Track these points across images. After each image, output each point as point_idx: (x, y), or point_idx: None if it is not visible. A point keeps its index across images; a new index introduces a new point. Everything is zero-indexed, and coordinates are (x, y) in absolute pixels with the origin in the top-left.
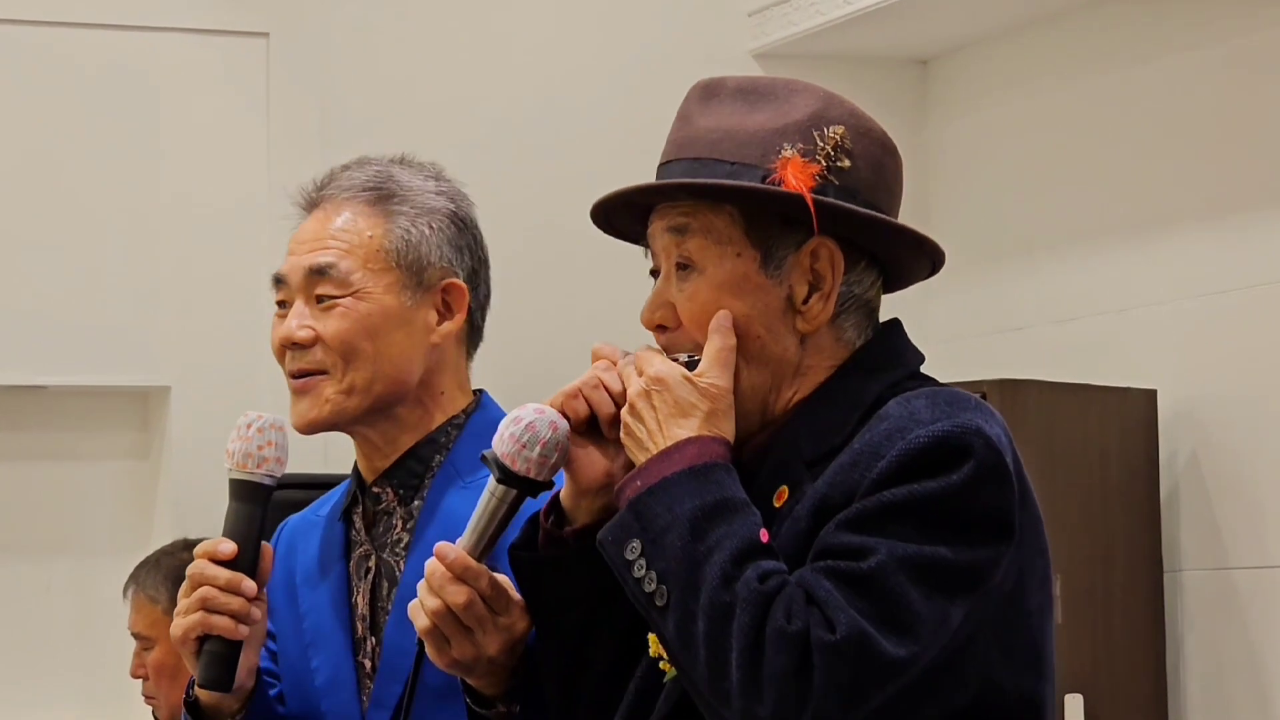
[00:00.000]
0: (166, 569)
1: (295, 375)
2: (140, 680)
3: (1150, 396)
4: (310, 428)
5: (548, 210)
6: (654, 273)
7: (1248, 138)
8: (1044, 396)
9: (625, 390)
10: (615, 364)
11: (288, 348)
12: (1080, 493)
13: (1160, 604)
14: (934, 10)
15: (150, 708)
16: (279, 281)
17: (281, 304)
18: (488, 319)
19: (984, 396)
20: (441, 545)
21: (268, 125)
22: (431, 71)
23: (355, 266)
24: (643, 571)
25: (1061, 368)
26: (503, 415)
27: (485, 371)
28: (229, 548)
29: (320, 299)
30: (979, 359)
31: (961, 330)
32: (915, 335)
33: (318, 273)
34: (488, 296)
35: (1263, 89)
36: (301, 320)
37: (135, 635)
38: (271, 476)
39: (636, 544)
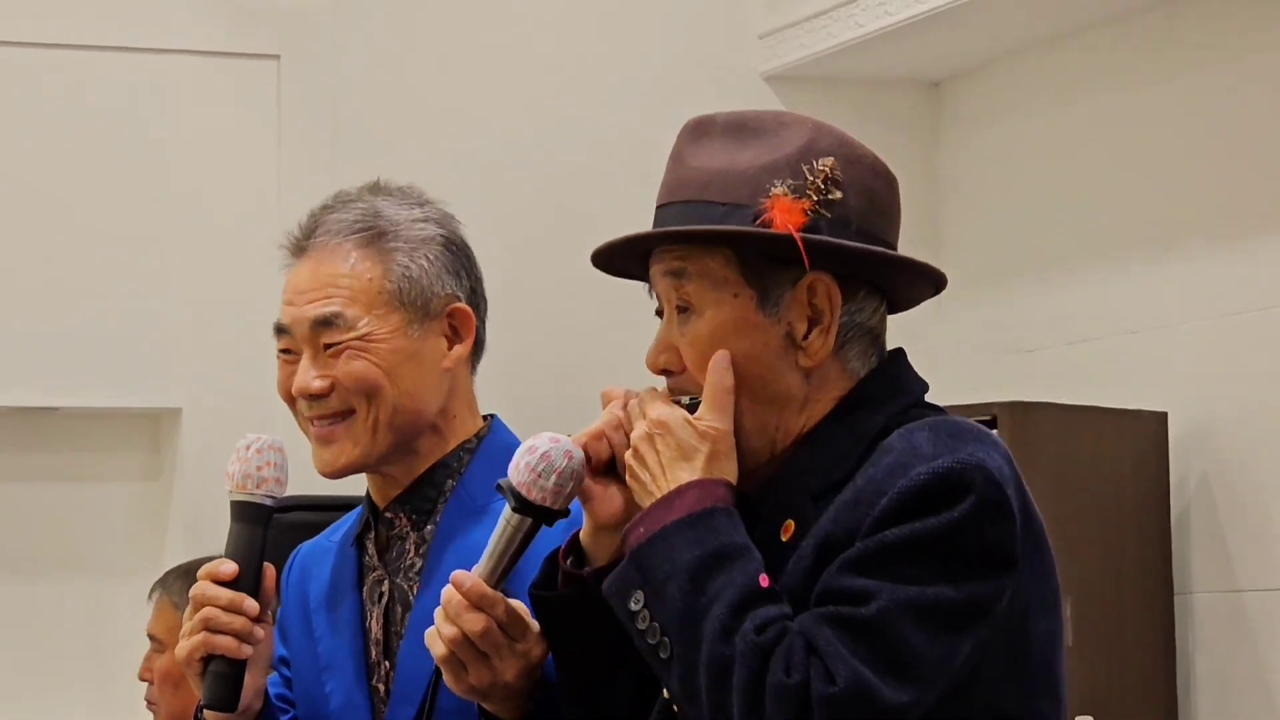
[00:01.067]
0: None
1: (317, 421)
2: (145, 685)
3: (1161, 419)
4: (338, 473)
5: (557, 232)
6: (659, 313)
7: (1260, 158)
8: (1055, 418)
9: None
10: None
11: (303, 399)
12: (1091, 515)
13: (1171, 626)
14: (945, 32)
15: (151, 713)
16: (281, 331)
17: (286, 351)
18: (495, 346)
19: (994, 419)
20: (458, 573)
21: (279, 147)
22: (442, 93)
23: (361, 313)
24: (646, 623)
25: (1073, 390)
26: (513, 439)
27: (495, 397)
28: (230, 568)
29: (328, 346)
30: (990, 381)
31: (973, 352)
32: (926, 357)
33: (323, 324)
34: (485, 309)
35: (1276, 109)
36: (312, 372)
37: (150, 637)
38: (271, 497)
39: (640, 595)
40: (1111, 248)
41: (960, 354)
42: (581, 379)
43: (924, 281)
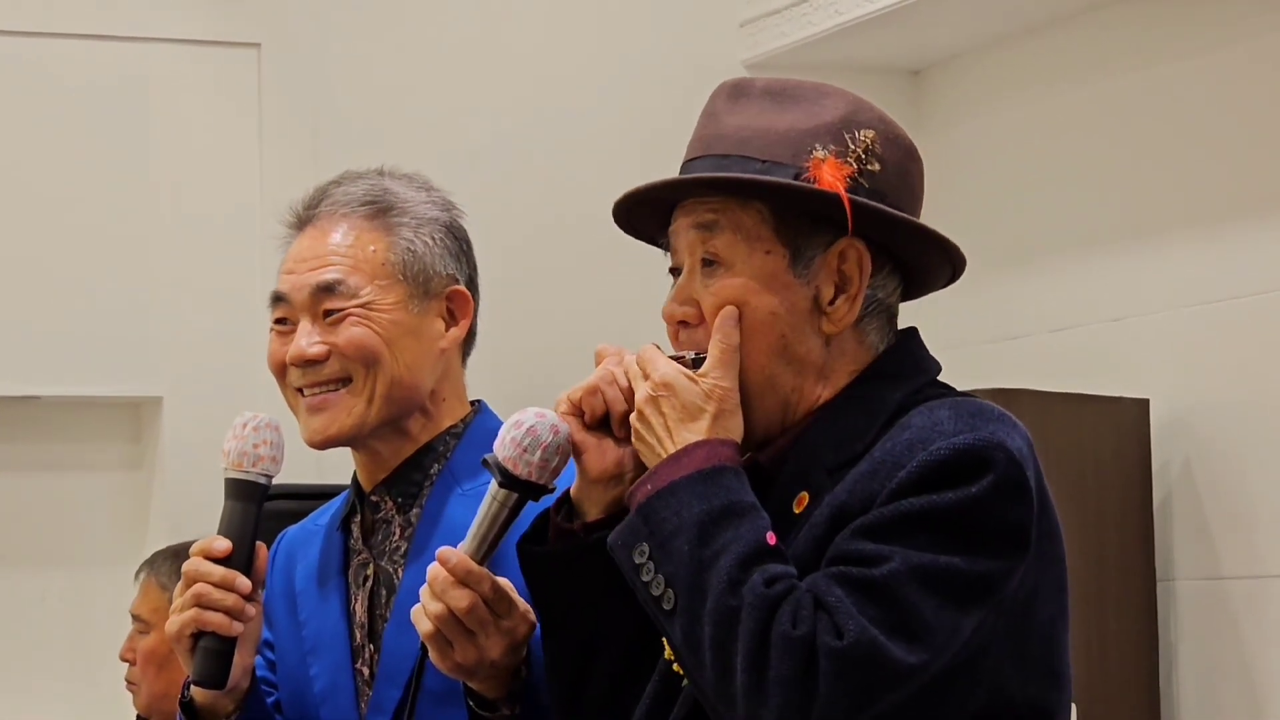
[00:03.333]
0: (185, 560)
1: (309, 390)
2: (127, 665)
3: (1143, 406)
4: (328, 443)
5: (543, 219)
6: (673, 271)
7: (1241, 146)
8: (1038, 405)
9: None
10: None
11: (298, 365)
12: (1073, 502)
13: (1154, 613)
14: (925, 20)
15: (131, 694)
16: (279, 300)
17: (282, 321)
18: (483, 336)
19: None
20: (444, 550)
21: (260, 135)
22: (424, 81)
23: (363, 282)
24: (651, 575)
25: (1055, 377)
26: (500, 424)
27: (484, 379)
28: (224, 545)
29: (328, 313)
30: (973, 368)
31: (955, 339)
32: None
33: (326, 290)
34: (479, 302)
35: (1256, 96)
36: (311, 338)
37: (135, 617)
38: (266, 475)
39: (645, 548)
40: (1093, 235)
41: (943, 341)
42: (571, 368)
43: (944, 265)
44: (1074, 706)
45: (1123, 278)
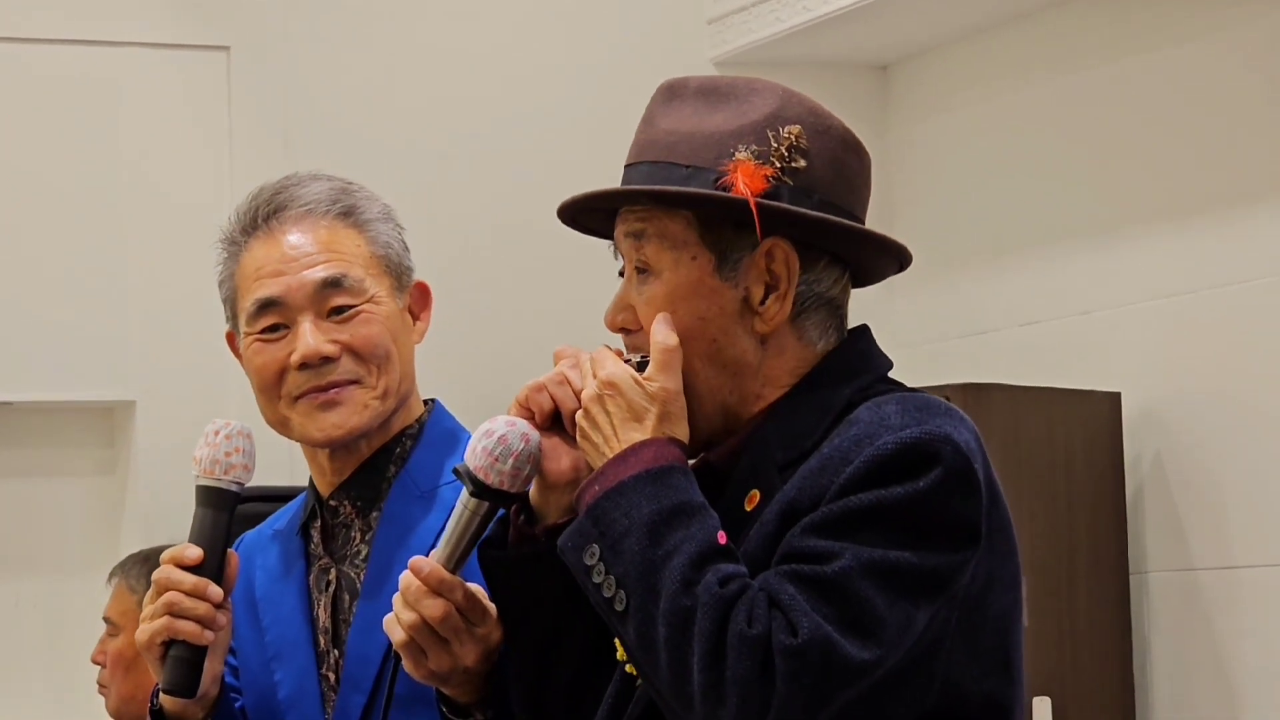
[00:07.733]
0: (155, 565)
1: (315, 391)
2: (99, 668)
3: (1115, 399)
4: (347, 437)
5: (511, 218)
6: (623, 273)
7: (1210, 139)
8: (1009, 400)
9: None
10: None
11: (312, 365)
12: (1045, 496)
13: (1126, 606)
14: (894, 15)
15: (103, 697)
16: (269, 305)
17: (275, 328)
18: (446, 334)
19: (947, 400)
20: (416, 559)
21: (230, 139)
22: (393, 82)
23: (363, 275)
24: (602, 577)
25: (1026, 371)
26: (455, 424)
27: (447, 378)
28: (195, 553)
29: (337, 310)
30: (943, 363)
31: (926, 334)
32: (879, 339)
33: (331, 285)
34: None
35: (1224, 89)
36: (320, 336)
37: (106, 619)
38: (238, 484)
39: (595, 549)
40: (1063, 229)
41: (913, 337)
42: (534, 363)
43: (886, 256)
44: (1048, 699)
45: (1093, 271)
